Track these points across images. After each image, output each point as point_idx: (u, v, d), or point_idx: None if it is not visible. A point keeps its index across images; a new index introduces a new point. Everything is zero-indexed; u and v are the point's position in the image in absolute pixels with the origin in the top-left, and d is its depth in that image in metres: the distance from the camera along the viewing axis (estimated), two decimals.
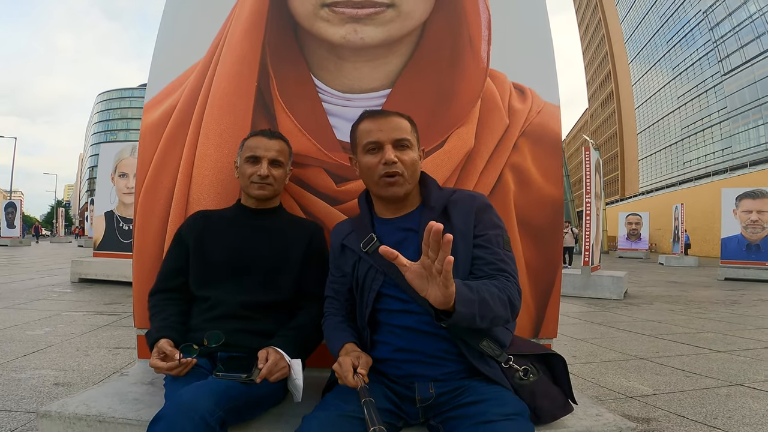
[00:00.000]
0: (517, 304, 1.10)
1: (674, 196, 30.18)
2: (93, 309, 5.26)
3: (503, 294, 1.06)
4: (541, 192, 1.70)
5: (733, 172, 29.29)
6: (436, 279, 0.89)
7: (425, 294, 0.92)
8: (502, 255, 1.15)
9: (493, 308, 1.02)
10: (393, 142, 1.19)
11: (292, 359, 1.21)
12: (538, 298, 1.67)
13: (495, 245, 1.16)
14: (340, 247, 1.30)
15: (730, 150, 34.11)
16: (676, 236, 19.17)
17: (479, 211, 1.20)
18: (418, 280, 0.91)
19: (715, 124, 36.66)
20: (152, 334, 1.26)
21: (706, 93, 38.13)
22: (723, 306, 6.82)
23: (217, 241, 1.42)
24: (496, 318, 1.05)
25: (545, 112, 1.71)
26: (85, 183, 77.90)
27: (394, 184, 1.19)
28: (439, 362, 1.13)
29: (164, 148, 1.69)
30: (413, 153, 1.22)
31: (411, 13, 1.69)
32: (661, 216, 28.26)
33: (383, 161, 1.18)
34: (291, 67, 1.69)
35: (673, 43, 44.09)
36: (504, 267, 1.14)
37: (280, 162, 1.45)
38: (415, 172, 1.22)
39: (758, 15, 32.51)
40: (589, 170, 9.72)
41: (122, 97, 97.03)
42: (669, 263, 17.23)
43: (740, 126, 33.45)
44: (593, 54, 70.14)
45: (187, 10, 1.74)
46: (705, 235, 26.87)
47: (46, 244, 26.28)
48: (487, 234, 1.17)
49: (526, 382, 1.11)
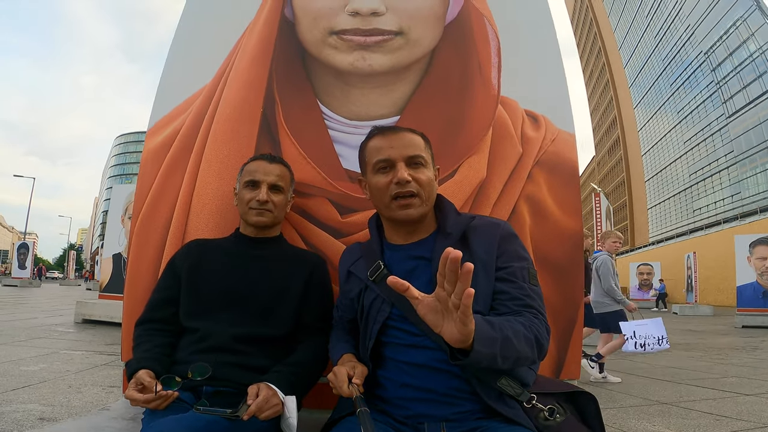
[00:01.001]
0: (545, 344, 0.97)
1: (685, 246, 29.79)
2: (93, 348, 5.12)
3: (530, 333, 0.94)
4: (558, 225, 1.61)
5: (743, 219, 28.86)
6: (453, 314, 0.78)
7: (440, 330, 0.81)
8: (528, 290, 1.03)
9: (518, 348, 0.90)
10: (406, 159, 1.09)
11: (286, 396, 1.08)
12: (559, 337, 1.54)
13: (520, 279, 1.04)
14: (347, 274, 1.20)
15: (740, 196, 33.84)
16: (690, 285, 18.73)
17: (503, 241, 1.08)
18: (432, 314, 0.80)
19: (723, 170, 36.56)
20: (132, 364, 1.14)
21: (712, 137, 38.17)
22: (744, 352, 6.53)
23: (211, 271, 1.32)
24: (521, 359, 0.92)
25: (560, 140, 1.64)
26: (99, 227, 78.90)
27: (409, 206, 1.08)
28: (451, 401, 1.00)
29: (164, 174, 1.63)
30: (428, 171, 1.11)
31: (419, 40, 1.66)
32: (673, 266, 27.83)
33: (395, 180, 1.07)
34: (297, 93, 1.65)
35: (676, 86, 44.61)
36: (531, 303, 1.01)
37: (280, 187, 1.38)
38: (431, 192, 1.11)
39: (758, 54, 32.94)
40: (600, 216, 9.64)
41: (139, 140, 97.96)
42: (683, 312, 16.75)
43: (748, 171, 33.34)
44: (598, 99, 71.34)
45: (196, 36, 1.73)
46: (719, 284, 26.25)
47: (56, 287, 26.28)
48: (512, 266, 1.05)
49: (552, 422, 0.96)
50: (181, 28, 1.72)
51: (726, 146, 36.05)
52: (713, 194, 37.94)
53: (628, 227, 57.45)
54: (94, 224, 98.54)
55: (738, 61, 35.24)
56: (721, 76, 37.14)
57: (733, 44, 35.94)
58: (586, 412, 1.03)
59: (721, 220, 32.26)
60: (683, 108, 43.13)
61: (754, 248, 11.22)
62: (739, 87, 34.78)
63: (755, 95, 32.86)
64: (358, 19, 1.66)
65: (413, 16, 1.66)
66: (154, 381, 1.05)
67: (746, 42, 34.42)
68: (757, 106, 32.50)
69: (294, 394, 1.10)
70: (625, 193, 59.07)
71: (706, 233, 31.67)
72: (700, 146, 40.19)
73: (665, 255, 31.41)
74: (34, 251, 23.06)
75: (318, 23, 1.67)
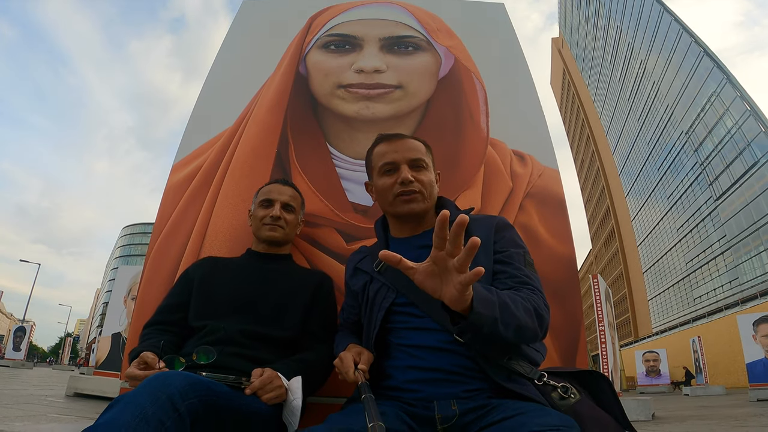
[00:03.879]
0: (546, 316, 0.99)
1: (689, 334, 29.12)
2: (81, 415, 4.85)
3: (528, 303, 0.96)
4: (552, 251, 1.71)
5: (744, 304, 28.44)
6: (452, 275, 0.79)
7: (439, 294, 0.81)
8: (525, 271, 1.07)
9: (517, 315, 0.91)
10: (409, 162, 1.19)
11: (290, 379, 1.08)
12: (564, 356, 1.57)
13: (517, 262, 1.09)
14: (353, 270, 1.27)
15: (738, 281, 33.44)
16: (698, 368, 18.13)
17: (500, 228, 1.15)
18: (430, 279, 0.81)
19: (718, 255, 36.45)
20: (136, 350, 1.13)
21: (704, 221, 38.17)
22: (765, 418, 6.15)
23: (223, 280, 1.38)
24: (522, 328, 0.92)
25: (546, 176, 1.81)
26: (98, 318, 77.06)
27: (412, 201, 1.17)
28: (461, 379, 1.00)
29: (184, 205, 1.77)
30: (430, 174, 1.21)
31: (416, 92, 1.91)
32: (679, 354, 27.12)
33: (399, 180, 1.17)
34: (308, 136, 1.85)
35: (663, 170, 44.84)
36: (528, 281, 1.05)
37: (292, 207, 1.50)
38: (432, 192, 1.20)
39: (736, 129, 33.05)
40: (599, 298, 9.62)
41: (145, 232, 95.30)
42: (695, 393, 15.97)
43: (742, 255, 33.27)
44: (591, 189, 72.36)
45: (222, 86, 1.99)
46: (728, 367, 25.41)
47: (48, 370, 25.37)
48: (508, 251, 1.11)
49: (567, 401, 0.91)
50: (210, 78, 1.98)
51: (718, 231, 36.15)
52: (711, 281, 37.27)
53: (630, 320, 55.81)
54: (94, 315, 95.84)
55: (717, 139, 35.33)
56: (704, 156, 37.21)
57: (710, 121, 36.07)
58: (602, 393, 0.98)
59: (723, 306, 31.73)
60: (672, 193, 43.38)
61: (758, 327, 11.25)
62: (722, 166, 34.79)
63: (738, 174, 32.90)
64: (363, 76, 1.92)
65: (411, 72, 1.93)
66: (157, 359, 1.05)
67: (723, 118, 34.63)
68: (742, 186, 32.54)
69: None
70: (625, 285, 57.90)
71: (709, 320, 31.10)
72: (692, 233, 40.22)
73: (670, 343, 30.65)
74: (31, 337, 22.58)
75: (328, 78, 1.92)
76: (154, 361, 1.04)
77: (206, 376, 0.97)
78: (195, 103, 1.93)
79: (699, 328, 30.50)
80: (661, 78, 44.17)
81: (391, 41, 2.05)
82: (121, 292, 8.71)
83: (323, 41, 2.08)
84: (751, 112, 31.53)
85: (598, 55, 61.76)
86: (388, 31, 2.08)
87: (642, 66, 48.40)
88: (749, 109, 31.73)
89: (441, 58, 2.03)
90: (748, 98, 32.50)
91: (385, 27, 2.10)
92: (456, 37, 2.11)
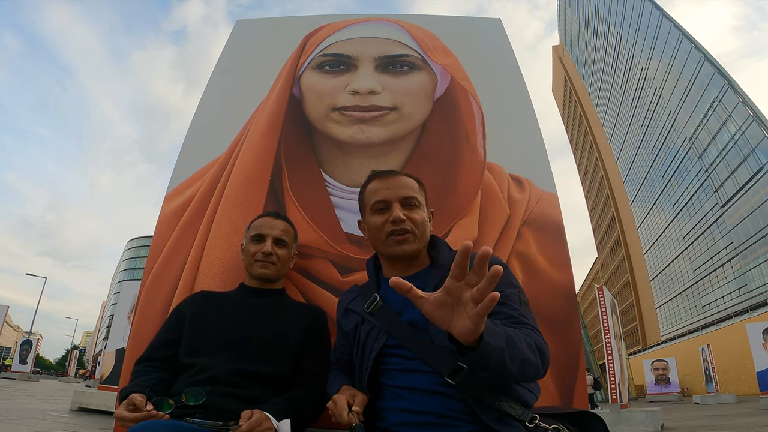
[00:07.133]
0: (546, 352, 0.98)
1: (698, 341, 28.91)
2: (86, 431, 4.82)
3: (530, 339, 0.95)
4: (551, 280, 1.67)
5: (754, 312, 28.21)
6: (467, 306, 0.77)
7: (448, 326, 0.79)
8: (521, 311, 1.05)
9: (522, 349, 0.89)
10: (401, 200, 1.18)
11: (280, 422, 1.06)
12: (563, 389, 1.52)
13: (513, 302, 1.06)
14: (345, 311, 1.25)
15: (746, 288, 33.06)
16: (708, 376, 17.92)
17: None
18: (440, 310, 0.79)
19: (726, 263, 36.11)
20: (126, 389, 1.13)
21: (710, 228, 37.76)
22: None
23: (215, 315, 1.37)
24: (526, 362, 0.90)
25: (544, 201, 1.77)
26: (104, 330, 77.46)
27: (404, 242, 1.15)
28: (451, 422, 0.99)
29: (177, 236, 1.75)
30: (422, 212, 1.20)
31: (412, 115, 1.88)
32: (688, 362, 26.84)
33: (391, 219, 1.15)
34: (302, 162, 1.83)
35: (668, 177, 44.54)
36: (524, 321, 1.03)
37: (284, 241, 1.47)
38: (424, 231, 1.19)
39: (739, 135, 32.75)
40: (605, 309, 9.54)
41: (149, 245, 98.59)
42: (705, 401, 15.76)
43: (750, 262, 32.89)
44: (595, 198, 72.23)
45: (215, 111, 1.97)
46: (739, 375, 25.17)
47: (54, 382, 25.41)
48: (503, 291, 1.07)
49: None
50: (202, 104, 1.96)
51: (725, 238, 35.79)
52: (719, 288, 36.83)
53: (638, 328, 55.32)
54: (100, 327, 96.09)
55: (722, 145, 34.99)
56: (709, 163, 36.87)
57: (714, 127, 35.71)
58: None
59: (732, 314, 31.42)
60: (677, 200, 43.04)
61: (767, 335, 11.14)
62: (727, 173, 34.44)
63: (744, 180, 32.56)
64: (358, 98, 1.90)
65: (406, 93, 1.91)
66: (145, 400, 1.04)
67: (726, 124, 34.29)
68: (748, 192, 32.17)
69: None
70: (632, 293, 57.45)
71: (718, 328, 30.76)
72: (699, 240, 39.84)
73: (679, 351, 30.39)
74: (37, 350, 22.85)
75: (323, 100, 1.90)
76: (142, 403, 1.04)
77: (192, 422, 0.97)
78: (187, 130, 1.91)
79: (708, 336, 30.22)
80: (662, 84, 44.09)
81: (387, 60, 2.03)
82: (125, 308, 8.73)
83: (318, 61, 2.06)
84: (754, 117, 31.39)
85: (599, 62, 61.80)
86: (383, 50, 2.06)
87: (643, 72, 48.39)
88: (752, 114, 31.59)
89: (437, 78, 2.01)
90: (751, 104, 32.36)
91: (380, 45, 2.07)
92: (452, 55, 2.08)
